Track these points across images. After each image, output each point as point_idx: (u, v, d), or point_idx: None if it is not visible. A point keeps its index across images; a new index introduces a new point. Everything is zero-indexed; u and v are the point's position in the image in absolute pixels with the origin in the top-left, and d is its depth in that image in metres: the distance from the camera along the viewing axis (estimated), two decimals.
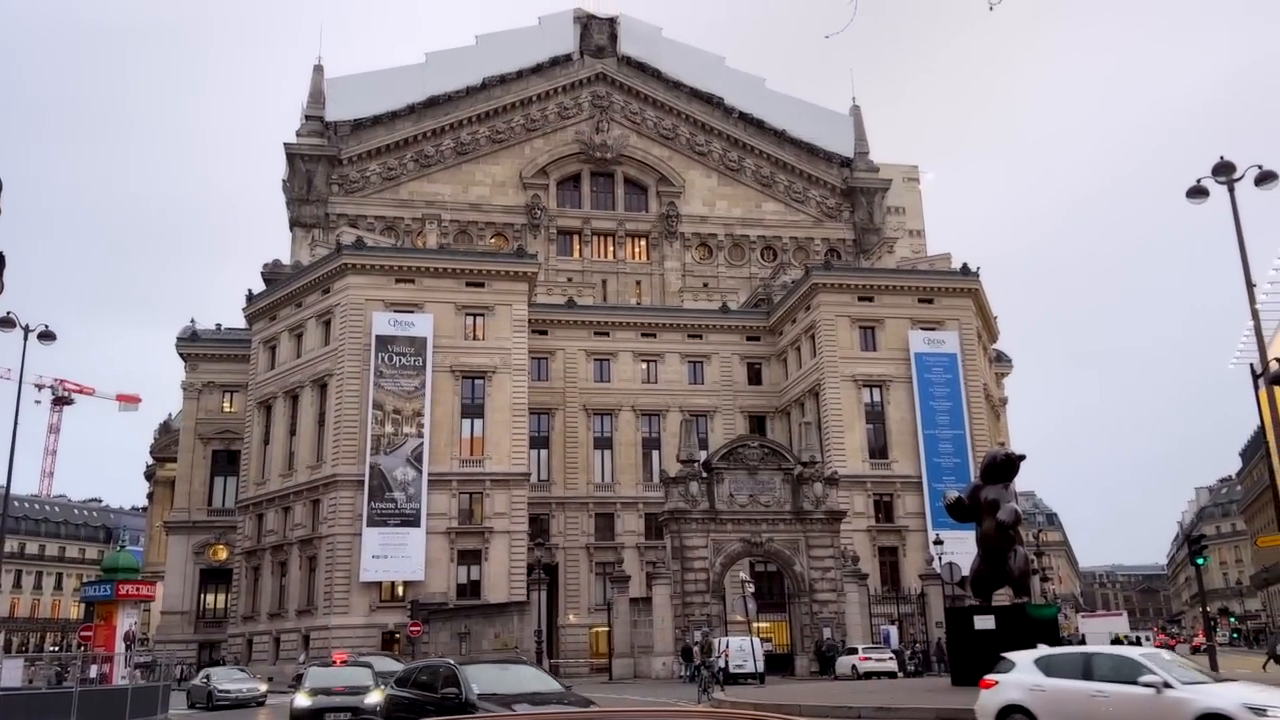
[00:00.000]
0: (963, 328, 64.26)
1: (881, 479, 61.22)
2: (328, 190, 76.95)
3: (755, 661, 39.16)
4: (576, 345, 66.81)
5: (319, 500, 56.16)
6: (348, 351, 56.65)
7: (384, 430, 55.34)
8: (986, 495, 23.77)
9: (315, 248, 67.30)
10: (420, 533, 54.13)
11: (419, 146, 79.33)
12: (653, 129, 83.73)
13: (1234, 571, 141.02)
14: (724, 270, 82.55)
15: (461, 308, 58.93)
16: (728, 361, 69.18)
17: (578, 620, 60.67)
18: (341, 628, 52.35)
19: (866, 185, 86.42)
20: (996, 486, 23.83)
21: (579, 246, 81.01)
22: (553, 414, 65.18)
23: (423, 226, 75.94)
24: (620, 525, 64.54)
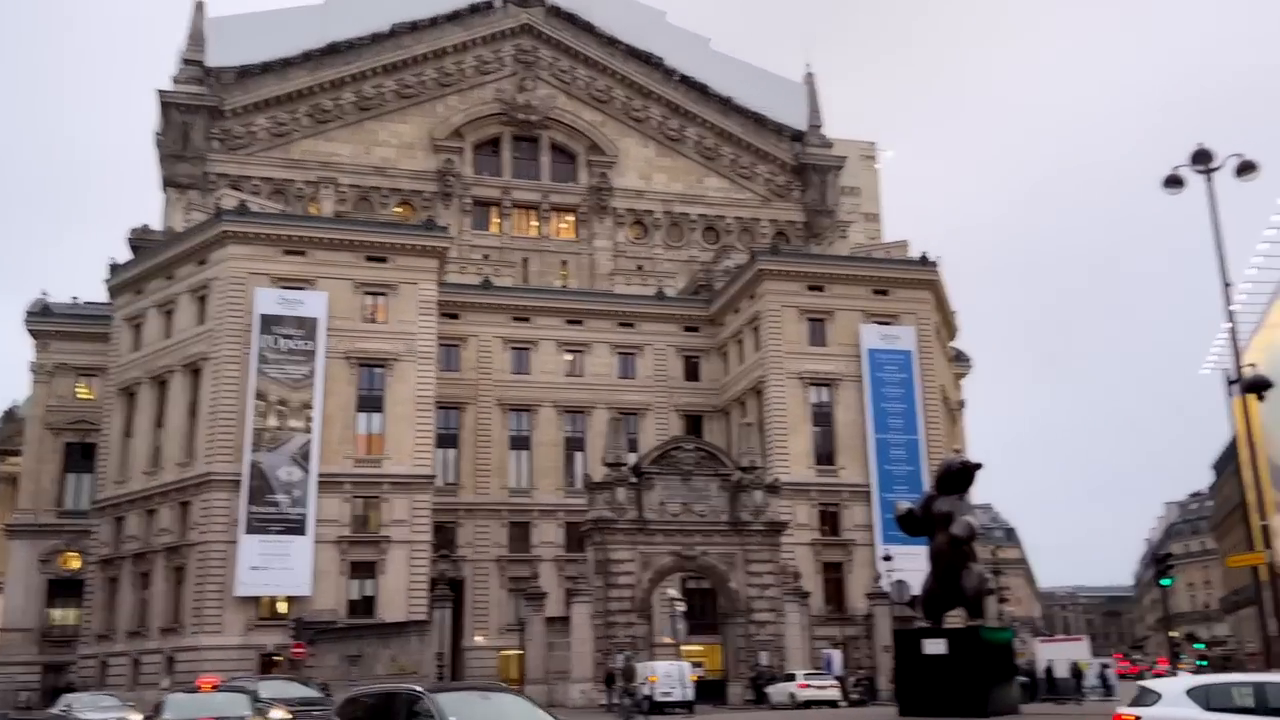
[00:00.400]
0: (920, 323, 65.46)
1: (828, 487, 62.05)
2: (207, 146, 75.18)
3: (684, 689, 39.35)
4: (492, 332, 66.33)
5: (189, 503, 55.01)
6: (226, 332, 55.49)
7: (267, 424, 54.36)
8: (940, 507, 24.20)
9: (191, 212, 65.97)
10: (307, 542, 53.35)
11: (315, 99, 77.88)
12: (584, 90, 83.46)
13: (1202, 594, 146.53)
14: (661, 252, 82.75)
15: (360, 285, 58.12)
16: (662, 354, 69.38)
17: (486, 642, 60.32)
18: (213, 648, 51.29)
19: (819, 162, 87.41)
20: (951, 498, 24.29)
21: (498, 220, 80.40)
22: (463, 409, 64.64)
23: (317, 191, 74.70)
24: (537, 536, 64.32)
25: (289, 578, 52.83)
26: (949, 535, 23.57)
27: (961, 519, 23.65)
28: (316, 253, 57.94)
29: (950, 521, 23.62)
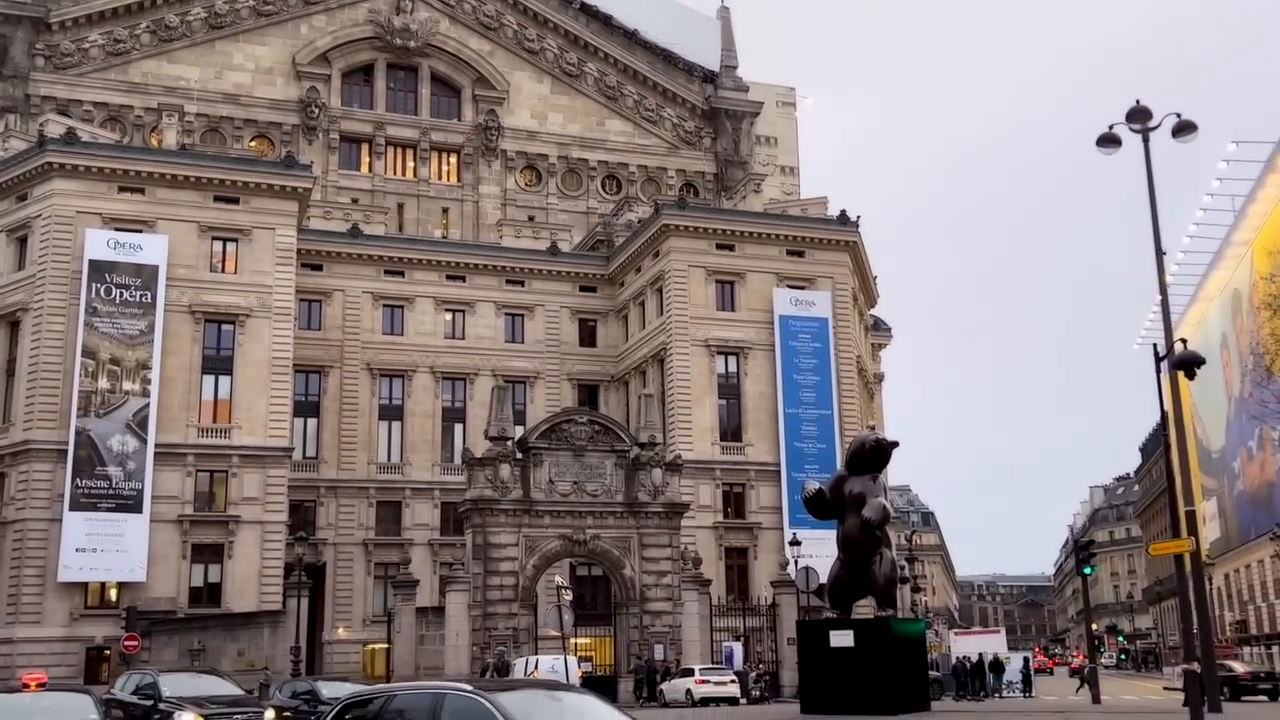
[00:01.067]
0: (837, 287, 66.60)
1: (734, 465, 62.97)
2: (30, 64, 72.65)
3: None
4: (361, 286, 65.44)
5: (5, 475, 53.87)
6: (50, 279, 53.99)
7: (97, 386, 53.02)
8: (852, 488, 24.62)
9: (9, 139, 63.61)
10: (142, 520, 52.45)
11: (158, 13, 75.53)
12: (470, 15, 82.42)
13: (1126, 584, 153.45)
14: (555, 202, 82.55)
15: (207, 229, 56.98)
16: (555, 316, 69.28)
17: (349, 634, 60.04)
18: (31, 640, 50.22)
19: (733, 107, 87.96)
20: (864, 478, 24.71)
21: (369, 159, 79.20)
22: (326, 373, 63.75)
23: (159, 120, 72.04)
24: (410, 517, 64.07)
25: (121, 561, 51.97)
26: (860, 519, 24.00)
27: (874, 501, 24.10)
28: (157, 190, 56.60)
29: (862, 504, 24.05)
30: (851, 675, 23.51)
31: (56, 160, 55.28)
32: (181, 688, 26.30)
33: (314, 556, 56.87)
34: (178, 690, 25.82)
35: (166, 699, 24.86)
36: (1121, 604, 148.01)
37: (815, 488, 26.11)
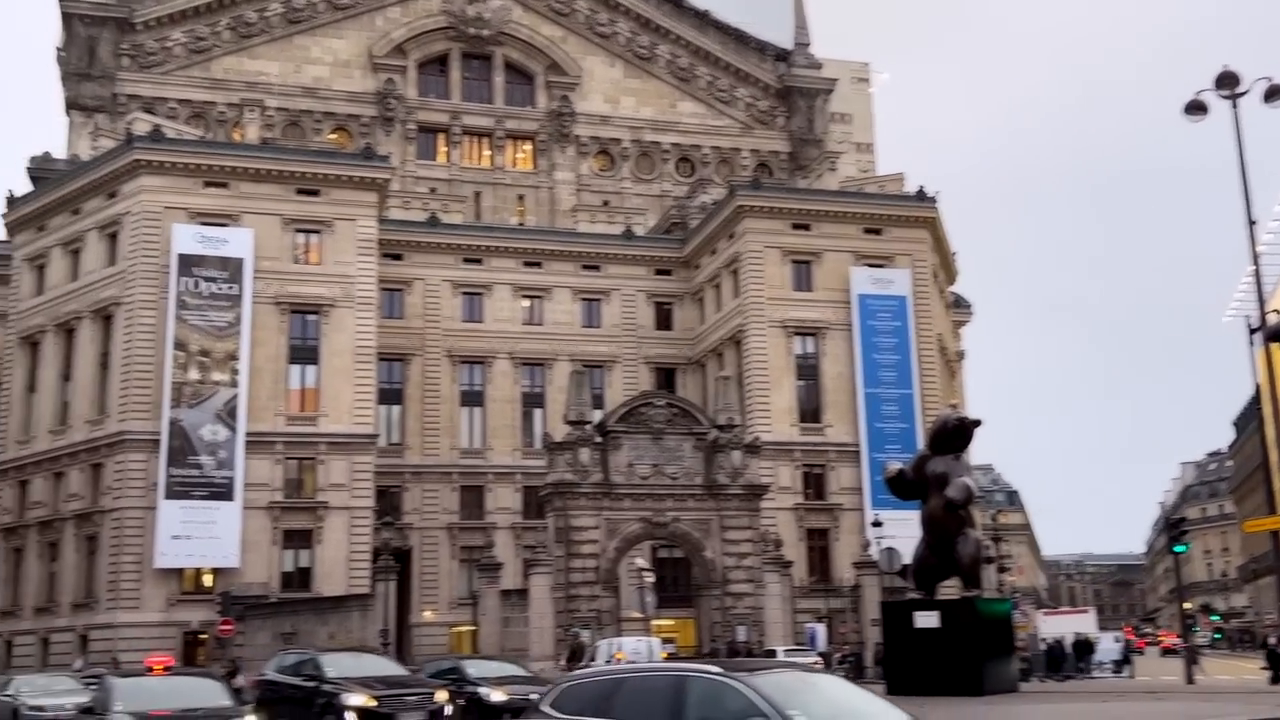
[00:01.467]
0: (916, 265, 65.73)
1: (813, 447, 62.59)
2: (116, 64, 74.25)
3: None
4: (440, 275, 66.04)
5: (102, 465, 55.02)
6: (140, 274, 55.15)
7: (188, 377, 54.19)
8: (934, 468, 24.37)
9: (99, 138, 65.48)
10: (234, 508, 53.49)
11: (238, 10, 76.76)
12: (542, 1, 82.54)
13: (1220, 562, 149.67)
14: (629, 186, 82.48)
15: (290, 222, 57.77)
16: (631, 300, 69.35)
17: (435, 617, 60.82)
18: (131, 625, 51.62)
19: (807, 85, 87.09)
20: (946, 458, 24.44)
21: (445, 148, 79.80)
22: (408, 361, 64.50)
23: (241, 115, 73.65)
24: (492, 501, 64.64)
25: (215, 548, 52.98)
26: (944, 499, 23.76)
27: (958, 481, 23.83)
28: (241, 185, 57.48)
29: (945, 484, 23.79)
30: (937, 656, 23.30)
31: (144, 157, 56.40)
32: (344, 667, 24.31)
33: (400, 541, 57.59)
34: (341, 670, 23.82)
35: (331, 679, 22.92)
36: (1215, 582, 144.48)
37: (897, 468, 25.89)
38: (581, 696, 10.64)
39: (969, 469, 25.85)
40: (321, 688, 22.57)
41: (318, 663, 24.05)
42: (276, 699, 23.95)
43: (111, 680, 19.16)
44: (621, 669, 12.18)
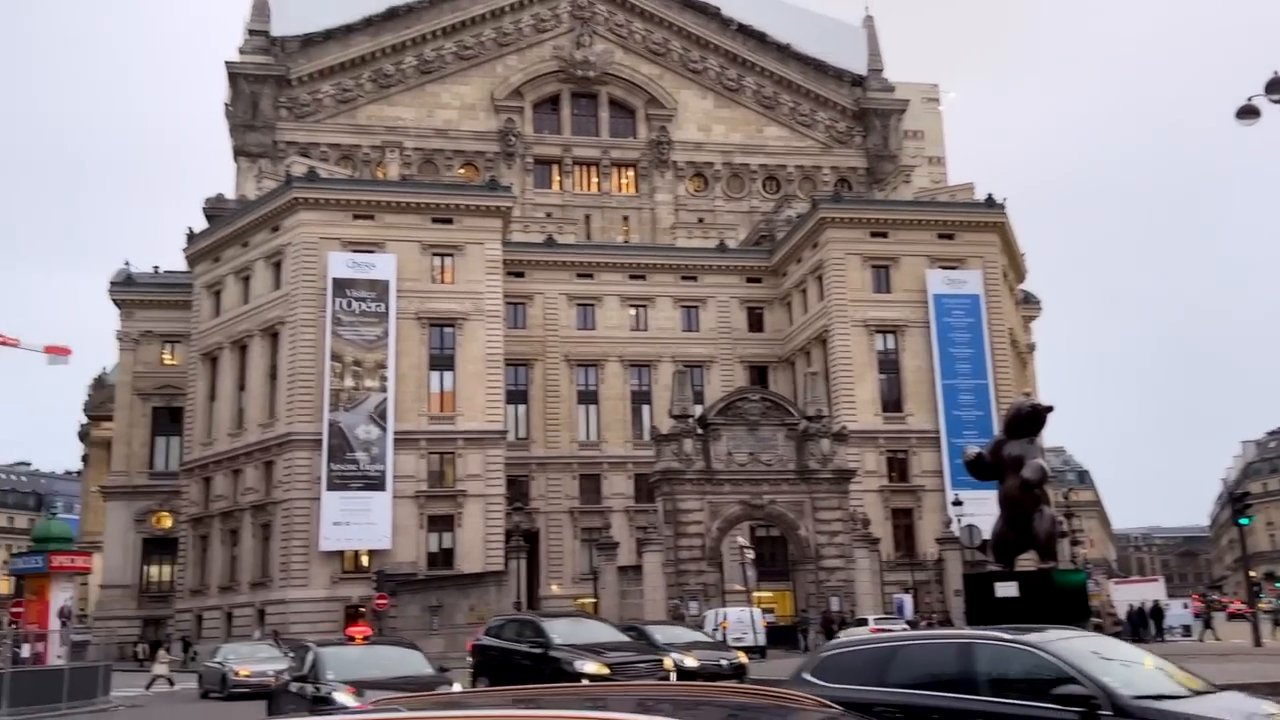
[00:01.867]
0: (987, 266, 64.31)
1: (895, 434, 61.66)
2: (275, 115, 76.17)
3: (755, 634, 39.68)
4: (557, 289, 66.63)
5: (273, 462, 56.38)
6: (301, 296, 56.48)
7: (344, 384, 55.38)
8: (1010, 451, 23.82)
9: (263, 180, 66.95)
10: (386, 497, 54.48)
11: (377, 64, 78.33)
12: (641, 44, 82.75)
13: None
14: (721, 204, 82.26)
15: (428, 247, 58.66)
16: (725, 306, 69.14)
17: (561, 591, 61.27)
18: (301, 601, 52.89)
19: (881, 107, 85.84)
20: (1021, 441, 23.88)
21: (559, 177, 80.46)
22: (531, 365, 65.23)
23: (383, 155, 75.37)
24: (607, 487, 65.00)
25: (370, 532, 54.01)
26: (1019, 479, 23.22)
27: (1032, 462, 23.28)
28: (385, 216, 58.52)
29: (1021, 465, 23.25)
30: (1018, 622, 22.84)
31: (302, 195, 57.72)
32: (568, 633, 21.81)
33: (529, 524, 58.23)
34: (565, 636, 21.34)
35: (558, 646, 20.59)
36: (1278, 552, 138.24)
37: (975, 451, 25.35)
38: (849, 665, 9.27)
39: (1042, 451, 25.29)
40: (548, 654, 20.34)
41: (541, 628, 21.71)
42: (498, 665, 21.71)
43: (320, 650, 17.18)
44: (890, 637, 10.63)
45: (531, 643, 21.10)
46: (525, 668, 20.33)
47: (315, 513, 53.93)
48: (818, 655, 9.62)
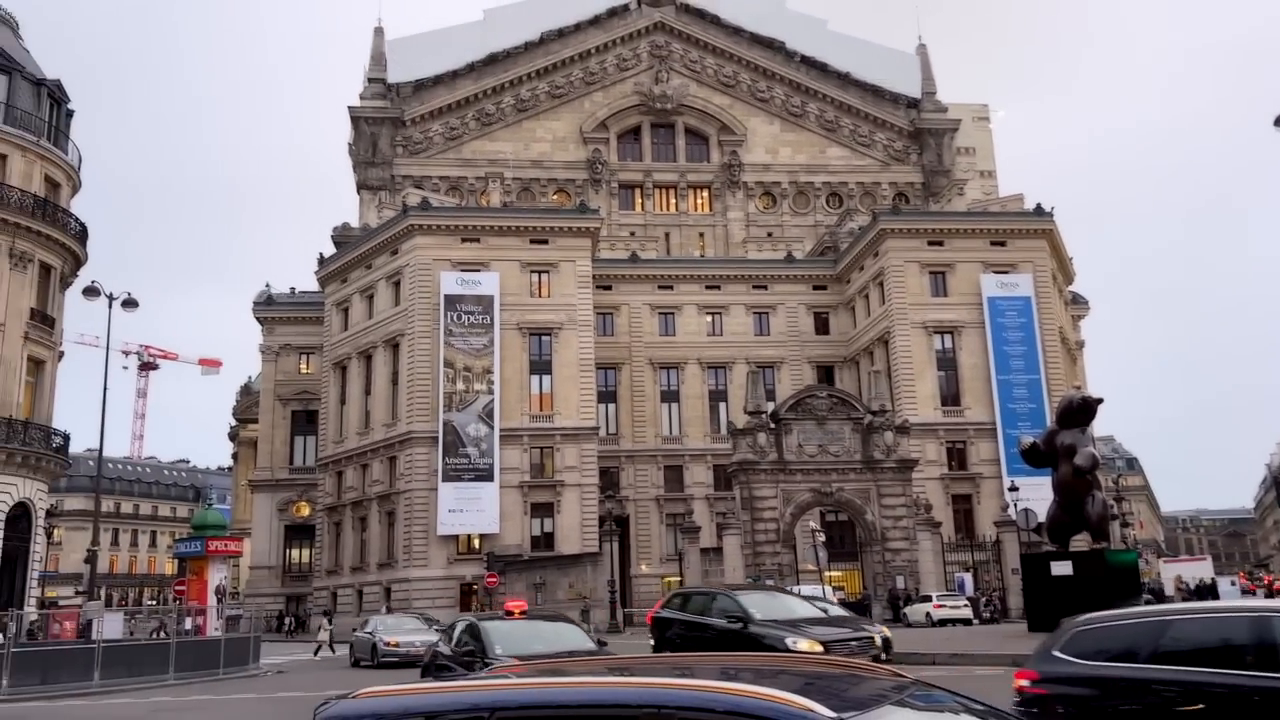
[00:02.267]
0: (1037, 270, 62.58)
1: (954, 426, 60.35)
2: (392, 152, 77.76)
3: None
4: (641, 299, 66.75)
5: (395, 457, 57.42)
6: (418, 311, 57.49)
7: (455, 388, 56.22)
8: (1063, 440, 23.29)
9: (382, 210, 68.27)
10: (494, 487, 55.11)
11: (480, 105, 79.49)
12: (713, 77, 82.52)
13: None
14: (788, 219, 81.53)
15: (526, 265, 59.25)
16: (794, 311, 68.48)
17: (650, 570, 61.37)
18: (421, 579, 53.85)
19: (935, 126, 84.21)
20: (1073, 431, 23.33)
21: (641, 200, 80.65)
22: (619, 368, 65.45)
23: (486, 185, 76.42)
24: (689, 477, 64.85)
25: (481, 518, 54.68)
26: (1072, 466, 22.67)
27: (1084, 450, 22.71)
28: (488, 239, 59.22)
29: (1073, 453, 22.70)
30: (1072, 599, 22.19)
31: (417, 222, 58.84)
32: (766, 607, 18.48)
33: (619, 510, 58.18)
34: (765, 611, 18.15)
35: (759, 621, 17.53)
36: None
37: (1030, 441, 24.84)
38: (1106, 640, 7.75)
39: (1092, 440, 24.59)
40: (747, 629, 17.40)
41: (739, 602, 18.44)
42: (682, 640, 18.56)
43: (485, 624, 15.12)
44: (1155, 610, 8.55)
45: (729, 617, 17.94)
46: (713, 643, 17.50)
47: (433, 501, 54.80)
48: (1066, 631, 8.09)
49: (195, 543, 36.95)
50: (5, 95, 37.61)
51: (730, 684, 3.67)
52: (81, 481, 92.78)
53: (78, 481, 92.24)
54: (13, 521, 35.79)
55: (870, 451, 47.49)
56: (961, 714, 3.87)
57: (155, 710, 20.37)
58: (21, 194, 37.07)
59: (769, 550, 45.93)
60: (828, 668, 4.61)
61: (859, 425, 47.96)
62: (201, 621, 32.96)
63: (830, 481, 46.97)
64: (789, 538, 47.24)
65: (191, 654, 27.44)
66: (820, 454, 47.29)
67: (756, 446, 47.03)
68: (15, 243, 36.68)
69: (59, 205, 39.40)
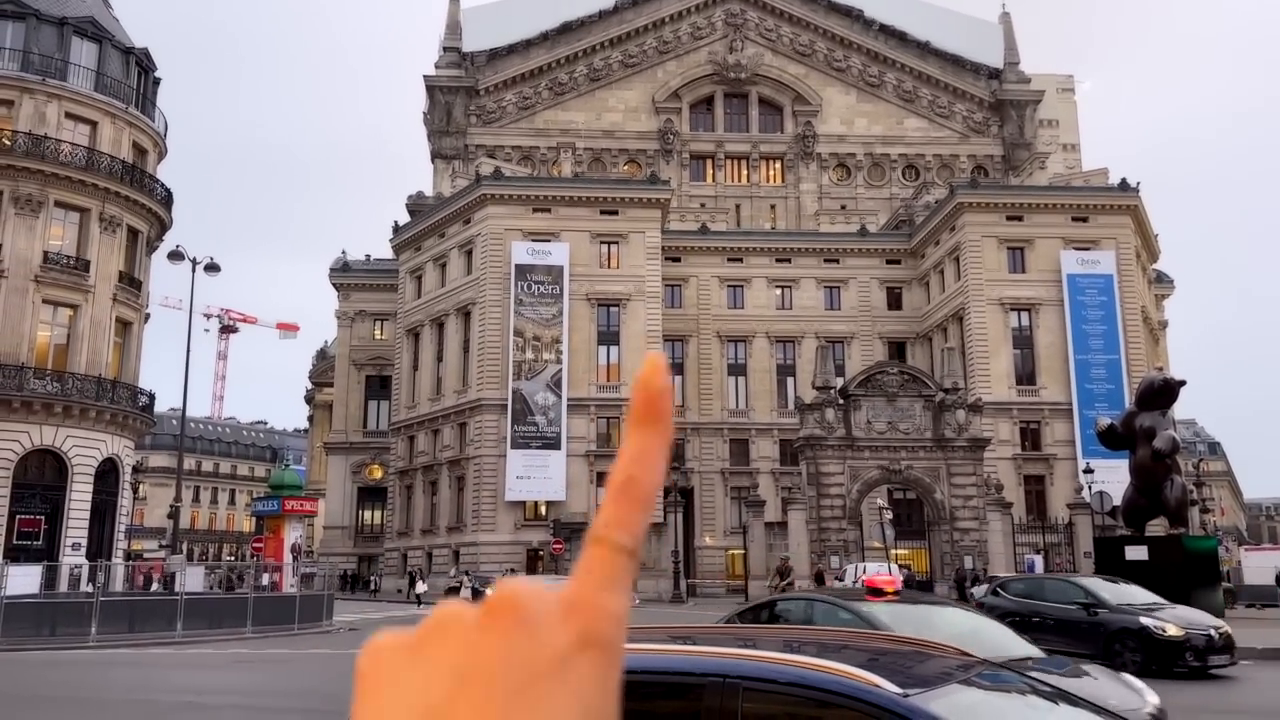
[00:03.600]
0: (1120, 247, 60.57)
1: (1029, 406, 59.02)
2: (466, 122, 78.28)
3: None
4: (710, 272, 66.39)
5: (465, 424, 58.25)
6: (489, 281, 58.06)
7: (525, 357, 56.77)
8: (1142, 423, 22.65)
9: (456, 179, 68.78)
10: (561, 455, 55.63)
11: (553, 74, 79.46)
12: (788, 46, 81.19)
13: None
14: (863, 191, 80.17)
15: (596, 236, 59.37)
16: (866, 286, 67.47)
17: (714, 543, 61.53)
18: (489, 544, 54.78)
19: (1017, 98, 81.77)
20: (1153, 413, 22.67)
21: (712, 171, 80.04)
22: (687, 341, 65.32)
23: (558, 155, 76.57)
24: (755, 451, 64.64)
25: (548, 486, 55.27)
26: (1151, 449, 22.05)
27: (1164, 434, 22.07)
28: (559, 209, 59.43)
29: (1153, 436, 22.08)
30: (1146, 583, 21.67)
31: (489, 192, 59.27)
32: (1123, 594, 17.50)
33: (685, 482, 58.45)
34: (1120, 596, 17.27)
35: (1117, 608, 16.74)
36: None
37: (1108, 423, 24.24)
38: None
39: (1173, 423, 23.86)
40: (1095, 611, 16.70)
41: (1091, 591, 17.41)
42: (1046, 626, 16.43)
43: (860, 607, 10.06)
44: None
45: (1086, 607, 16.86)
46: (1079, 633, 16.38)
47: (501, 468, 55.57)
48: None
49: (272, 502, 38.17)
50: (96, 63, 38.84)
51: (796, 655, 3.69)
52: (165, 440, 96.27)
53: (162, 440, 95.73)
54: (101, 476, 37.40)
55: (941, 430, 46.77)
56: (1029, 694, 3.84)
57: (235, 661, 21.21)
58: (111, 160, 38.35)
59: (835, 526, 45.68)
60: (895, 644, 4.59)
61: (930, 403, 47.22)
62: (278, 578, 34.10)
63: (899, 459, 46.41)
64: (855, 514, 46.89)
65: (268, 609, 28.44)
66: (890, 431, 46.74)
67: (824, 422, 46.65)
68: (105, 207, 38.01)
69: (146, 171, 40.66)
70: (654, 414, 0.50)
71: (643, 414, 0.49)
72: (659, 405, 0.50)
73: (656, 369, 0.49)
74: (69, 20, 38.13)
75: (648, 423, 0.49)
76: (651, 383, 0.49)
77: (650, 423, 0.49)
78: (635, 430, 0.48)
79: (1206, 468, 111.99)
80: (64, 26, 38.00)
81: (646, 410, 0.49)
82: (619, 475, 0.47)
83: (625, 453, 0.46)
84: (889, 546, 41.30)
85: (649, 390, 0.50)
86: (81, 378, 36.43)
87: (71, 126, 37.81)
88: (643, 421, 0.49)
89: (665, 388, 0.48)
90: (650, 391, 0.50)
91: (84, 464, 36.24)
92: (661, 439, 0.48)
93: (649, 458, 0.48)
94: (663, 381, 0.48)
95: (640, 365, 0.56)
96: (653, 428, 0.49)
